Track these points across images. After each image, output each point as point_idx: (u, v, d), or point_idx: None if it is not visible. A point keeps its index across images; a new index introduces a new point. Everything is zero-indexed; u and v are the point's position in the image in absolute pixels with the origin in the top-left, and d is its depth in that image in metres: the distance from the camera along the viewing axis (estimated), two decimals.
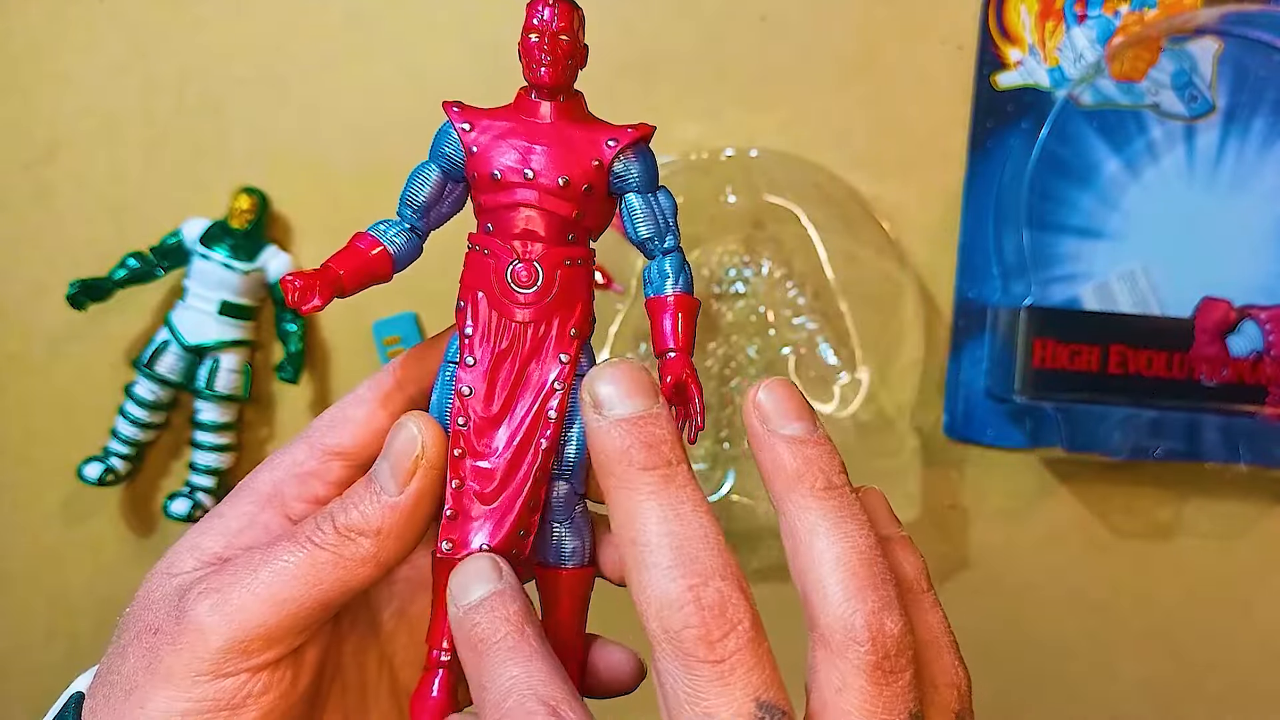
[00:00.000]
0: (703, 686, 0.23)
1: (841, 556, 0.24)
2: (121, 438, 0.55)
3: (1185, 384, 0.51)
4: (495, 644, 0.26)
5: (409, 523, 0.28)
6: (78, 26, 0.56)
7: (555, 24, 0.29)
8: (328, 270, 0.29)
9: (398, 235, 0.30)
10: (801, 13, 0.54)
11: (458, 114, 0.30)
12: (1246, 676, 0.56)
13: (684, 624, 0.23)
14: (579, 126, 0.29)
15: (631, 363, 0.27)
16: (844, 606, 0.24)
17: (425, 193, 0.30)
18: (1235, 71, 0.52)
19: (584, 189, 0.29)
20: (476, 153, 0.29)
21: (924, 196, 0.55)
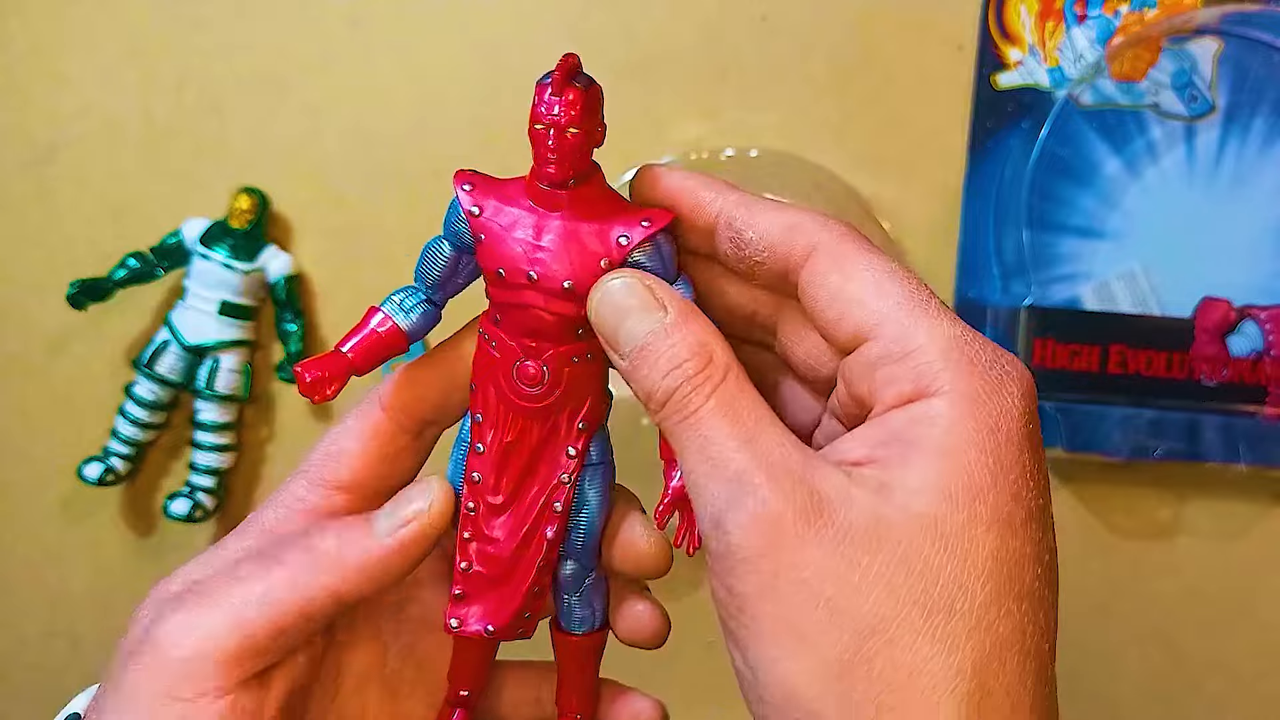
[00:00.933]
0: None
1: None
2: (121, 438, 0.55)
3: (1185, 384, 0.51)
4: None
5: (381, 568, 0.28)
6: (78, 26, 0.56)
7: (564, 117, 0.27)
8: (339, 359, 0.29)
9: (414, 308, 0.29)
10: (801, 13, 0.54)
11: (468, 194, 0.28)
12: (1246, 676, 0.56)
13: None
14: (591, 218, 0.28)
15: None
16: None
17: (439, 269, 0.29)
18: (1235, 71, 0.52)
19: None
20: (484, 241, 0.28)
21: (924, 196, 0.55)
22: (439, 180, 0.55)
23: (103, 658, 0.29)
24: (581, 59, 0.28)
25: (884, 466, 0.24)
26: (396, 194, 0.56)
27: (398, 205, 0.56)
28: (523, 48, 0.55)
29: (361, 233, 0.56)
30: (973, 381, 0.24)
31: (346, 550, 0.28)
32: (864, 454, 0.24)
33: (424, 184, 0.56)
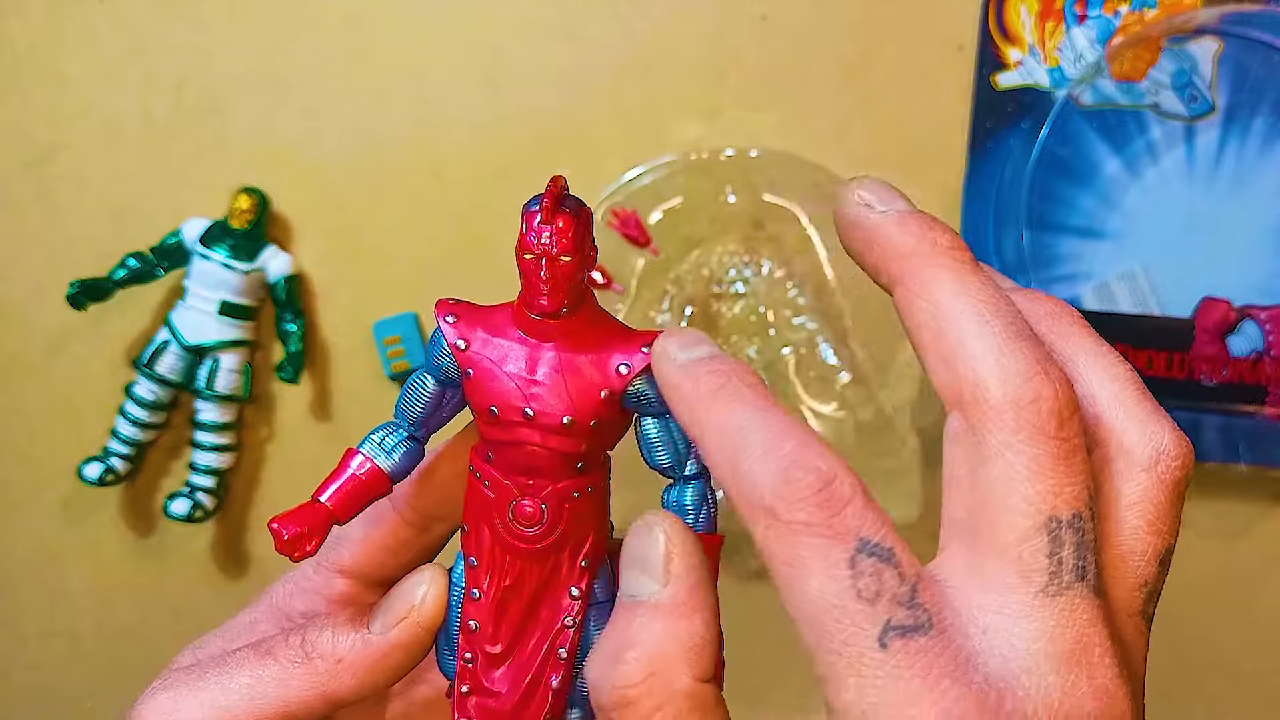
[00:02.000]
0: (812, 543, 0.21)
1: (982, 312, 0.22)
2: (121, 438, 0.55)
3: (1185, 384, 0.51)
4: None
5: (372, 666, 0.27)
6: (78, 26, 0.56)
7: (555, 245, 0.25)
8: (318, 510, 0.27)
9: (396, 447, 0.27)
10: (801, 13, 0.54)
11: (452, 326, 0.26)
12: (1246, 676, 0.56)
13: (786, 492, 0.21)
14: (587, 347, 0.26)
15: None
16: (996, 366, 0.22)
17: (422, 405, 0.27)
18: (1235, 71, 0.52)
19: (591, 425, 0.26)
20: (472, 377, 0.26)
21: (924, 196, 0.55)
22: (439, 180, 0.56)
23: (103, 657, 0.29)
24: (581, 59, 0.27)
25: None
26: (396, 194, 0.56)
27: (398, 205, 0.56)
28: (523, 48, 0.55)
29: (361, 233, 0.56)
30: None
31: (339, 649, 0.27)
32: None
33: (424, 184, 0.56)
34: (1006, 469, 0.21)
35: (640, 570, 0.24)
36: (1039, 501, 0.21)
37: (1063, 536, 0.21)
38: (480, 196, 0.55)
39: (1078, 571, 0.21)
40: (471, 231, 0.56)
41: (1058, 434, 0.21)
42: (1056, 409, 0.21)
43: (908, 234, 0.24)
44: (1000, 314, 0.22)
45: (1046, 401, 0.21)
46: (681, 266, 0.54)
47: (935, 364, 0.22)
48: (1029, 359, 0.22)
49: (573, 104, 0.55)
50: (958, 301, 0.22)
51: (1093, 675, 0.20)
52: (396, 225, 0.56)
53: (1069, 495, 0.21)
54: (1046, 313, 0.25)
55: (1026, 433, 0.21)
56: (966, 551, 0.22)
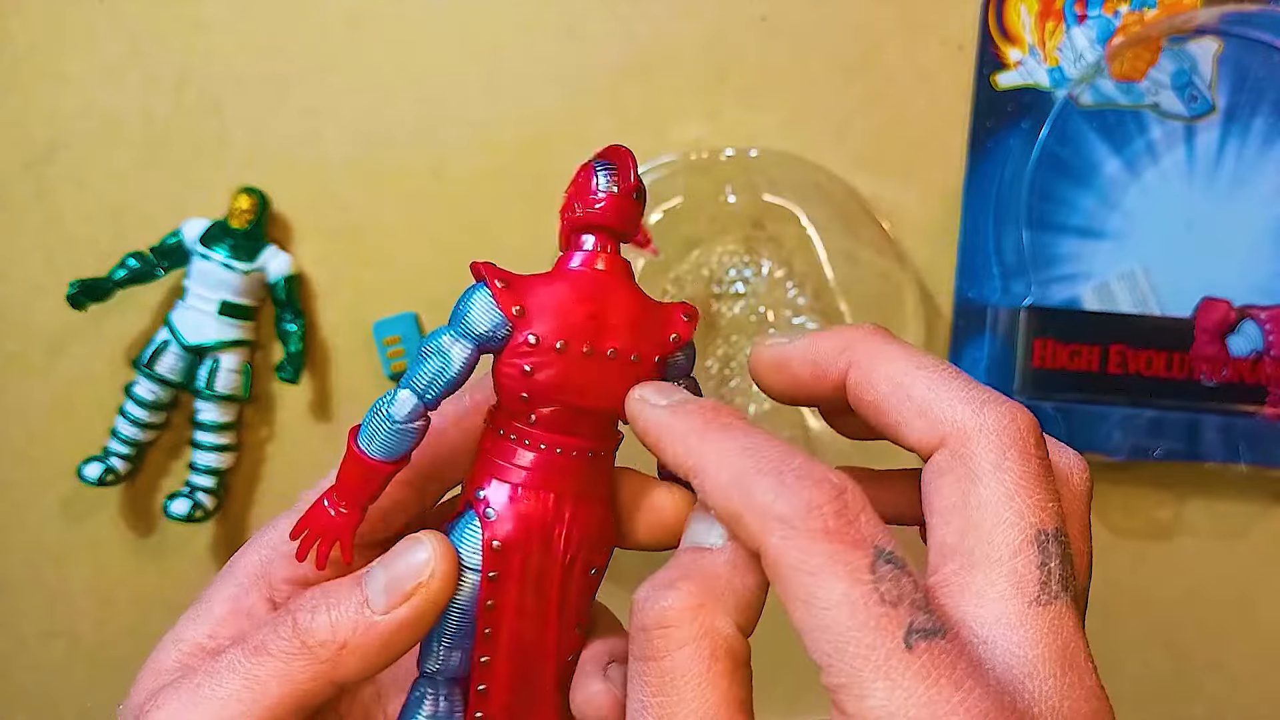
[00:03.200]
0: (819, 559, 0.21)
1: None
2: (121, 438, 0.55)
3: (1185, 384, 0.51)
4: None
5: (382, 647, 0.26)
6: (78, 26, 0.56)
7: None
8: (341, 523, 0.27)
9: (403, 436, 0.27)
10: (801, 13, 0.54)
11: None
12: (1246, 676, 0.56)
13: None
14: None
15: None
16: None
17: (453, 379, 0.27)
18: (1235, 71, 0.52)
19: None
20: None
21: (924, 196, 0.55)
22: (439, 180, 0.56)
23: (103, 658, 0.28)
24: (581, 59, 0.27)
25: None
26: (396, 194, 0.56)
27: (398, 205, 0.56)
28: (523, 48, 0.55)
29: (361, 233, 0.56)
30: None
31: (340, 634, 0.26)
32: None
33: (424, 184, 0.56)
34: (997, 487, 0.23)
35: (710, 524, 0.25)
36: (1029, 515, 0.22)
37: (1050, 548, 0.22)
38: (480, 196, 0.55)
39: (1063, 582, 0.22)
40: (471, 231, 0.56)
41: (1036, 452, 0.23)
42: (1033, 426, 0.23)
43: (838, 336, 0.26)
44: (943, 365, 0.25)
45: (1023, 421, 0.23)
46: (681, 266, 0.54)
47: (912, 419, 0.24)
48: (990, 392, 0.24)
49: (573, 104, 0.55)
50: (909, 363, 0.25)
51: (1083, 678, 0.22)
52: (396, 225, 0.56)
53: (1052, 510, 0.23)
54: None
55: (1012, 452, 0.23)
56: (960, 569, 0.22)
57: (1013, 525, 0.22)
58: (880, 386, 0.25)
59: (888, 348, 0.25)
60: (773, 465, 0.22)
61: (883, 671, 0.20)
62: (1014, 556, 0.22)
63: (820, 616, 0.21)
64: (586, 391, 0.26)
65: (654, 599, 0.23)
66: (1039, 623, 0.21)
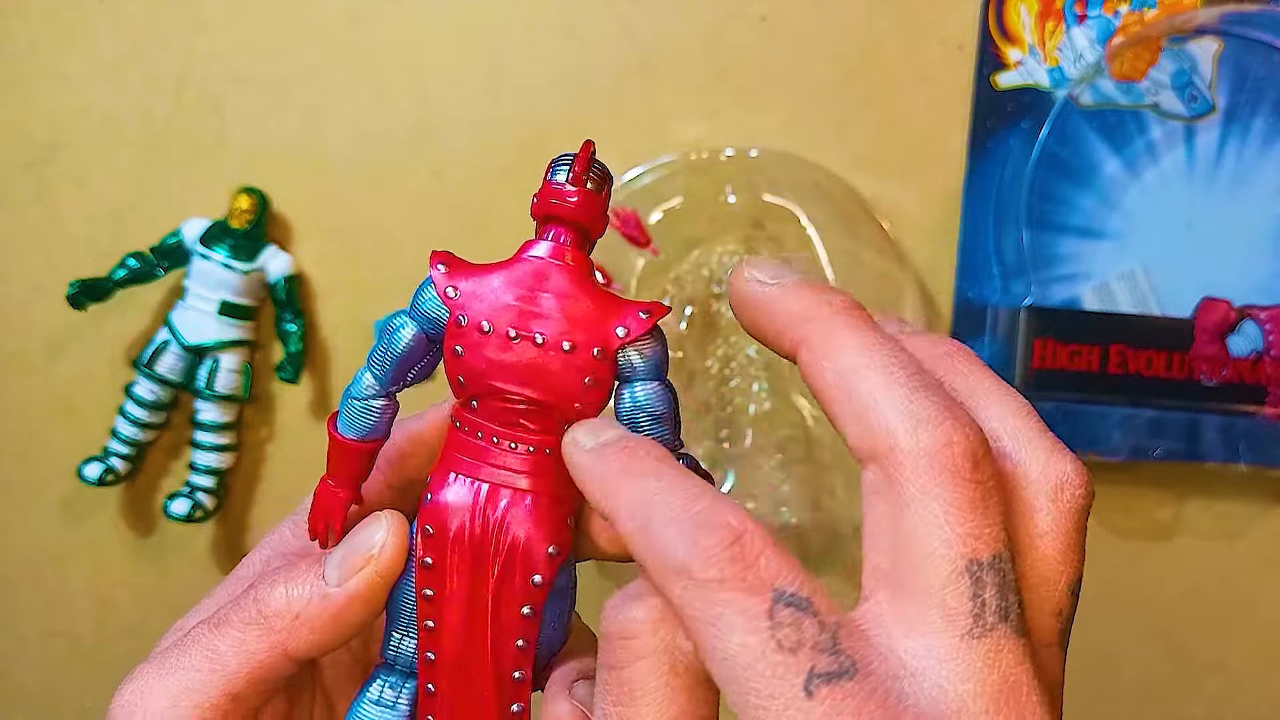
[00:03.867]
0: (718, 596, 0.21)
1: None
2: (121, 438, 0.55)
3: (1185, 384, 0.51)
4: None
5: (333, 620, 0.26)
6: (78, 26, 0.56)
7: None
8: (334, 500, 0.28)
9: (370, 414, 0.28)
10: (801, 13, 0.54)
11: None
12: (1246, 676, 0.56)
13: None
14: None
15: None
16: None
17: (403, 358, 0.27)
18: (1235, 71, 0.52)
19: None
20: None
21: (924, 196, 0.55)
22: (439, 180, 0.56)
23: (103, 658, 0.28)
24: (581, 59, 0.27)
25: None
26: (396, 194, 0.56)
27: (398, 205, 0.56)
28: (523, 48, 0.55)
29: (361, 233, 0.56)
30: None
31: (294, 605, 0.26)
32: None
33: (424, 184, 0.56)
34: (926, 515, 0.21)
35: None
36: (959, 545, 0.21)
37: (984, 578, 0.21)
38: (480, 196, 0.55)
39: (1001, 612, 0.21)
40: (471, 231, 0.56)
41: (972, 477, 0.22)
42: (969, 451, 0.22)
43: (803, 301, 0.25)
44: (903, 366, 0.23)
45: (959, 445, 0.22)
46: (681, 266, 0.54)
47: (847, 421, 0.23)
48: (937, 406, 0.22)
49: (573, 104, 0.55)
50: (861, 358, 0.23)
51: (1021, 713, 0.21)
52: (396, 225, 0.56)
53: (988, 537, 0.21)
54: (944, 354, 0.26)
55: (943, 477, 0.21)
56: (891, 598, 0.22)
57: (942, 556, 0.21)
58: (826, 376, 0.23)
59: (843, 333, 0.23)
60: (676, 513, 0.22)
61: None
62: (944, 588, 0.21)
63: (722, 668, 0.20)
64: (516, 376, 0.26)
65: (621, 609, 0.23)
66: (971, 656, 0.21)
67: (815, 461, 0.53)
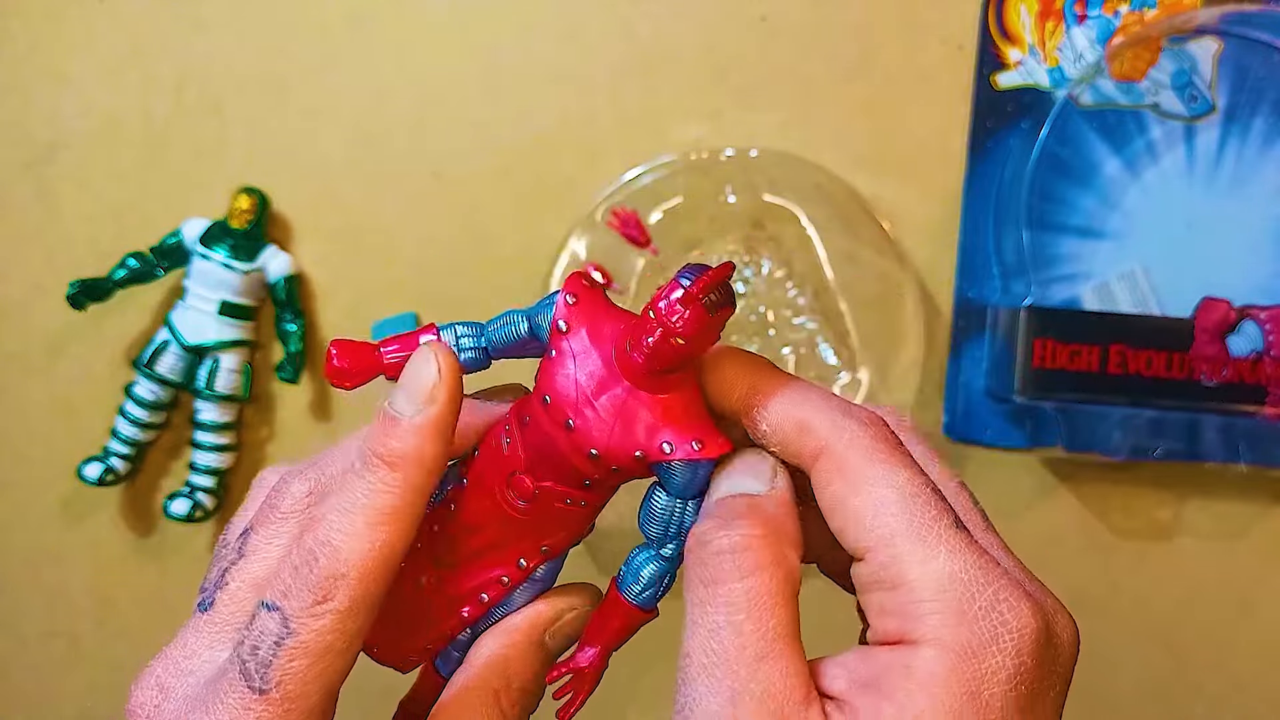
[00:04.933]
0: None
1: None
2: (121, 438, 0.55)
3: (1185, 384, 0.51)
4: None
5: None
6: (78, 26, 0.56)
7: (679, 326, 0.25)
8: (374, 357, 0.29)
9: (467, 350, 0.29)
10: (801, 13, 0.54)
11: (568, 307, 0.27)
12: (1246, 676, 0.56)
13: None
14: (655, 406, 0.26)
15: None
16: None
17: (506, 340, 0.28)
18: (1235, 71, 0.52)
19: (612, 469, 0.27)
20: (553, 358, 0.27)
21: (924, 196, 0.55)
22: (439, 180, 0.56)
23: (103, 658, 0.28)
24: (581, 59, 0.27)
25: (857, 716, 0.23)
26: (396, 194, 0.56)
27: (398, 205, 0.56)
28: (523, 48, 0.55)
29: (361, 233, 0.56)
30: (959, 633, 0.23)
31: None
32: (843, 689, 0.24)
33: (424, 184, 0.56)
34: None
35: (749, 476, 0.26)
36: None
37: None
38: (480, 196, 0.55)
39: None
40: (471, 231, 0.55)
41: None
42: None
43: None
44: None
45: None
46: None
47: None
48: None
49: (573, 104, 0.55)
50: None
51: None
52: (396, 225, 0.56)
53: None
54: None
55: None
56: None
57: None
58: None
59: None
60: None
61: (944, 540, 0.24)
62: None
63: (886, 495, 0.24)
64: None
65: (724, 529, 0.25)
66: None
67: None
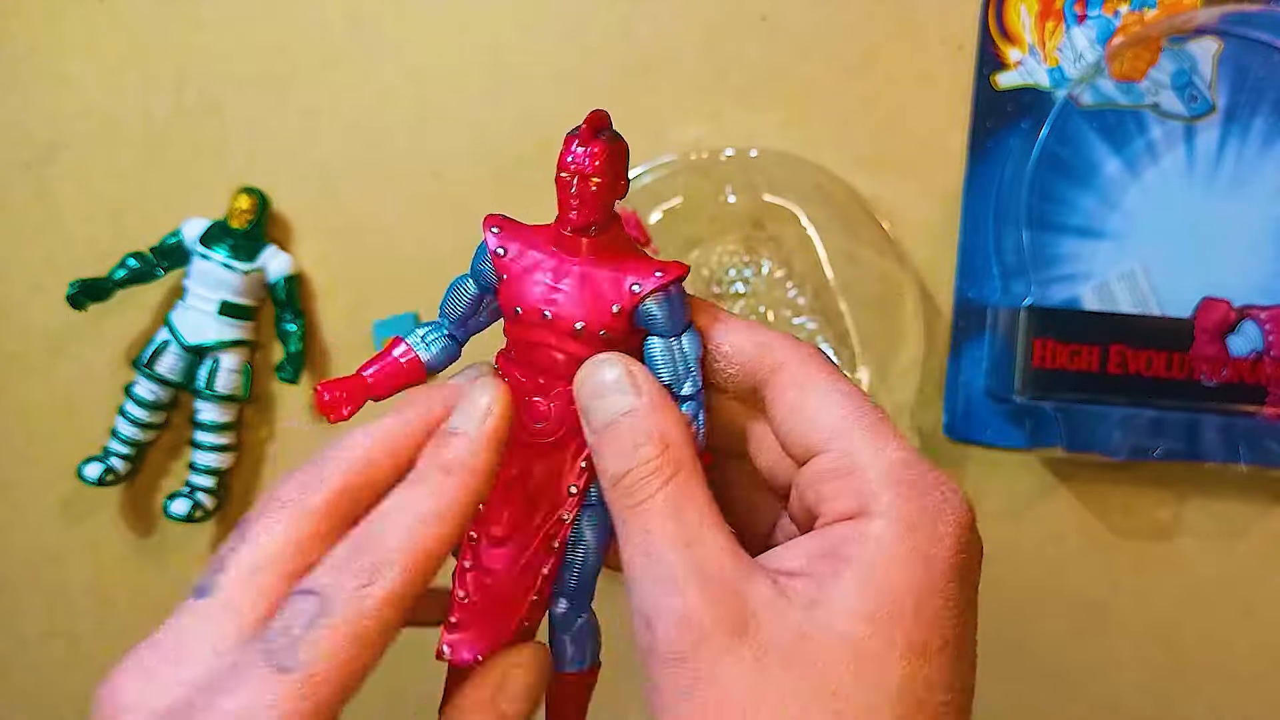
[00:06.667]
0: None
1: None
2: (121, 438, 0.55)
3: (1185, 384, 0.51)
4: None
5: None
6: (78, 26, 0.56)
7: (588, 165, 0.28)
8: (359, 381, 0.30)
9: (435, 342, 0.30)
10: (801, 13, 0.54)
11: (495, 236, 0.30)
12: (1246, 676, 0.56)
13: None
14: (608, 264, 0.29)
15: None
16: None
17: (462, 306, 0.30)
18: (1235, 71, 0.52)
19: (600, 334, 0.28)
20: (505, 280, 0.29)
21: (924, 196, 0.55)
22: (439, 180, 0.56)
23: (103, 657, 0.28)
24: (581, 60, 0.28)
25: (817, 581, 0.25)
26: (396, 194, 0.56)
27: (398, 205, 0.56)
28: (523, 48, 0.55)
29: (361, 233, 0.56)
30: (910, 507, 0.25)
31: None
32: (800, 565, 0.25)
33: (424, 184, 0.56)
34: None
35: (613, 393, 0.27)
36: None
37: None
38: (480, 196, 0.55)
39: None
40: (472, 231, 0.55)
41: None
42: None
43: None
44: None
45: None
46: None
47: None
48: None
49: (573, 104, 0.55)
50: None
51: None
52: (396, 225, 0.56)
53: None
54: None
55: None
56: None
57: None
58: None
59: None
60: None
61: (893, 436, 0.26)
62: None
63: (839, 399, 0.27)
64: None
65: (627, 463, 0.27)
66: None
67: None
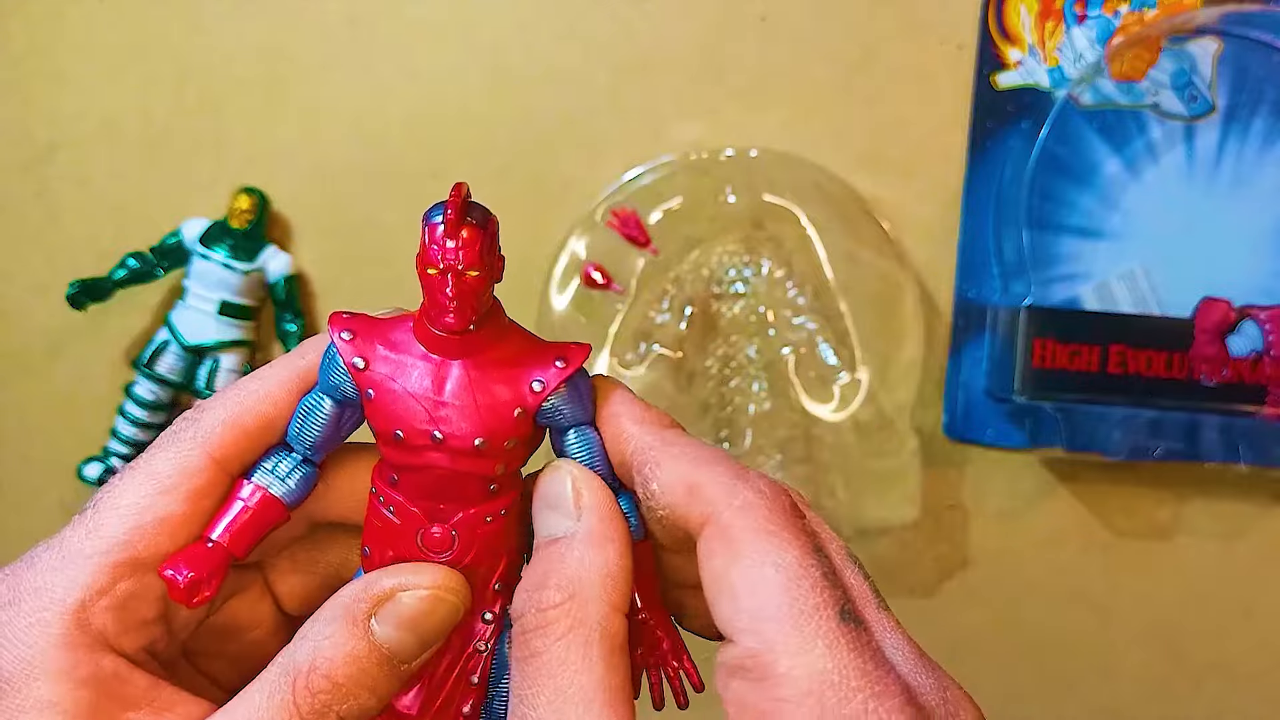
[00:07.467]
0: None
1: None
2: (121, 438, 0.55)
3: (1185, 384, 0.51)
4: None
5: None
6: (78, 26, 0.56)
7: (462, 260, 0.23)
8: (212, 550, 0.24)
9: (290, 473, 0.26)
10: (801, 13, 0.54)
11: (348, 344, 0.24)
12: (1246, 676, 0.56)
13: None
14: (496, 360, 0.24)
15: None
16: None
17: (319, 430, 0.25)
18: (1235, 71, 0.52)
19: (505, 445, 0.25)
20: (374, 399, 0.24)
21: (924, 196, 0.55)
22: (439, 180, 0.56)
23: None
24: (581, 60, 0.26)
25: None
26: (396, 194, 0.56)
27: (398, 205, 0.56)
28: (523, 48, 0.55)
29: (361, 233, 0.56)
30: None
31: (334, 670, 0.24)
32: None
33: (424, 184, 0.56)
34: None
35: (553, 510, 0.25)
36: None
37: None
38: (480, 196, 0.55)
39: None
40: None
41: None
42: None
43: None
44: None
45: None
46: (681, 266, 0.54)
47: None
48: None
49: (573, 104, 0.55)
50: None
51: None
52: (396, 225, 0.56)
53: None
54: None
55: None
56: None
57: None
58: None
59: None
60: (734, 463, 0.25)
61: (823, 633, 0.21)
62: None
63: (767, 573, 0.22)
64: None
65: (528, 604, 0.24)
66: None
67: (815, 461, 0.53)
